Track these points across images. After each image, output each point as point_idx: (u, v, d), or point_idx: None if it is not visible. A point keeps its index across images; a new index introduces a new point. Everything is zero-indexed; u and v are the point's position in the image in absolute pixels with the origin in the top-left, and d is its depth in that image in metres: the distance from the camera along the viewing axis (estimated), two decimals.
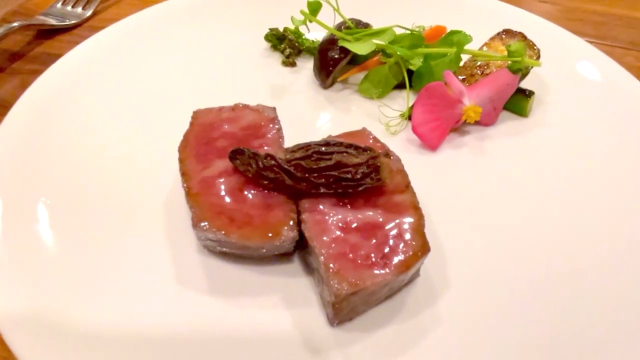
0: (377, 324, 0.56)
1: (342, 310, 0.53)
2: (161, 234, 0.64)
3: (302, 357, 0.54)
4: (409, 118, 0.79)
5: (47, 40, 1.03)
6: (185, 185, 0.61)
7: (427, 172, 0.73)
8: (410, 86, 0.83)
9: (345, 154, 0.58)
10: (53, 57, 0.99)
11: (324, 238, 0.55)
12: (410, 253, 0.54)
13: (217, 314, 0.57)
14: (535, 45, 0.82)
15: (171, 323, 0.56)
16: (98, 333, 0.55)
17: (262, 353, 0.54)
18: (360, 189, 0.57)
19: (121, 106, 0.81)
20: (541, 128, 0.80)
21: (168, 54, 0.91)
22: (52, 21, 1.05)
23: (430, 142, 0.76)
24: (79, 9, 1.08)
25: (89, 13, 1.08)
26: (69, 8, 1.08)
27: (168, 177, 0.69)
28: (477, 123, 0.79)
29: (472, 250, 0.64)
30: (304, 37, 0.93)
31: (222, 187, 0.60)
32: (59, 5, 1.08)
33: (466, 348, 0.55)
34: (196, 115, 0.69)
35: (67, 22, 1.05)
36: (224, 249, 0.60)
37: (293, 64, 0.91)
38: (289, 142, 0.67)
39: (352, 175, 0.57)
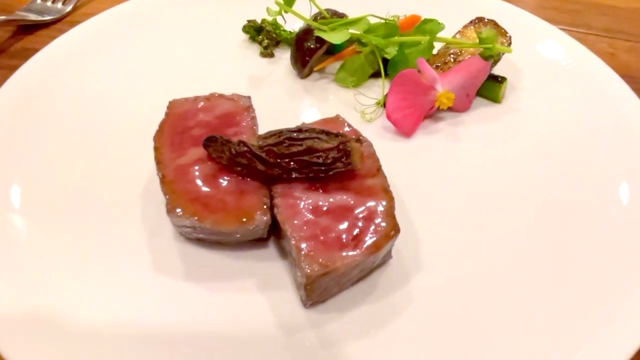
0: (350, 305, 0.58)
1: (314, 291, 0.55)
2: (138, 222, 0.65)
3: (276, 337, 0.55)
4: (384, 105, 0.80)
5: (27, 35, 1.03)
6: (159, 173, 0.62)
7: (401, 157, 0.74)
8: (386, 74, 0.84)
9: (316, 140, 0.60)
10: (33, 53, 0.99)
11: (296, 221, 0.56)
12: (381, 234, 0.55)
13: (194, 298, 0.59)
14: (507, 33, 0.84)
15: (148, 308, 0.58)
16: (74, 322, 0.56)
17: (238, 335, 0.55)
18: (331, 173, 0.58)
19: (98, 98, 0.82)
20: (514, 113, 0.81)
21: (146, 46, 0.91)
22: (32, 17, 1.05)
23: (404, 129, 0.77)
24: (59, 5, 1.08)
25: (68, 8, 1.08)
26: (49, 4, 1.08)
27: (145, 167, 0.70)
28: (451, 109, 0.80)
29: (444, 233, 0.65)
30: (281, 28, 0.93)
31: (196, 174, 0.61)
32: (39, 0, 1.09)
33: (437, 326, 0.56)
34: (172, 105, 0.70)
35: (47, 18, 1.05)
36: (200, 235, 0.61)
37: (271, 55, 0.92)
38: (265, 130, 0.68)
39: (323, 160, 0.58)
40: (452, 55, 0.83)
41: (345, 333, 0.56)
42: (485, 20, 0.85)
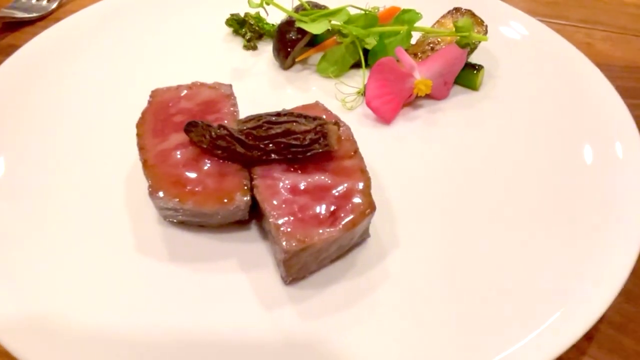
0: (329, 282, 0.59)
1: (292, 267, 0.56)
2: (122, 207, 0.67)
3: (257, 313, 0.57)
4: (365, 94, 0.82)
5: (12, 32, 1.05)
6: (142, 158, 0.63)
7: (381, 143, 0.76)
8: (367, 64, 0.86)
9: (294, 123, 0.61)
10: (17, 49, 1.00)
11: (274, 201, 0.58)
12: (357, 212, 0.57)
13: (177, 279, 0.60)
14: (483, 22, 0.86)
15: (133, 290, 0.59)
16: (58, 305, 0.57)
17: (221, 313, 0.57)
18: (309, 154, 0.60)
19: (82, 90, 0.83)
20: (490, 100, 0.83)
21: (129, 40, 0.93)
22: (19, 14, 1.06)
23: (384, 116, 0.79)
24: (44, 2, 1.10)
25: (53, 6, 1.10)
26: (34, 1, 1.10)
27: (128, 154, 0.71)
28: (430, 97, 0.82)
29: (421, 213, 0.67)
30: (264, 21, 0.95)
31: (178, 158, 0.62)
32: None
33: (413, 301, 0.58)
34: (154, 93, 0.71)
35: (33, 15, 1.07)
36: (182, 218, 0.62)
37: (254, 48, 0.94)
38: None
39: (300, 142, 0.60)
40: (430, 45, 0.85)
41: (325, 308, 0.57)
42: (463, 10, 0.88)
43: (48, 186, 0.69)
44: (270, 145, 0.60)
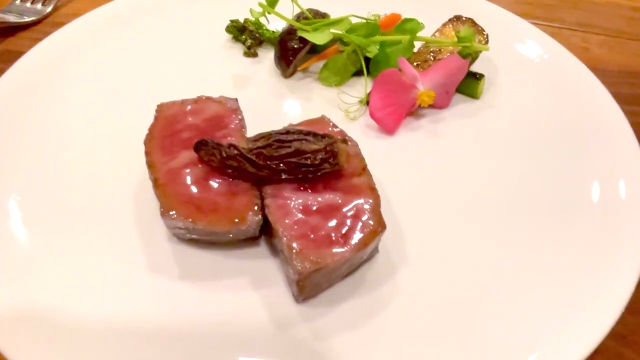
0: (340, 299, 0.60)
1: (306, 288, 0.57)
2: (131, 224, 0.67)
3: (271, 333, 0.58)
4: (368, 104, 0.83)
5: (8, 38, 1.03)
6: (152, 176, 0.63)
7: (385, 155, 0.77)
8: (368, 73, 0.86)
9: (304, 142, 0.62)
10: (15, 55, 0.99)
11: (287, 221, 0.58)
12: (368, 231, 0.58)
13: (189, 297, 0.60)
14: (484, 31, 0.87)
15: (144, 309, 0.59)
16: (72, 325, 0.58)
17: (234, 332, 0.58)
18: (320, 174, 0.61)
19: (85, 102, 0.83)
20: (492, 109, 0.84)
21: (131, 48, 0.92)
22: (12, 19, 1.04)
23: (388, 127, 0.80)
24: (39, 6, 1.08)
25: (49, 9, 1.08)
26: (28, 5, 1.08)
27: (135, 170, 0.71)
28: (432, 106, 0.83)
29: (428, 227, 0.68)
30: (264, 28, 0.95)
31: (188, 177, 0.63)
32: (18, 2, 1.08)
33: (423, 317, 0.59)
34: (160, 108, 0.71)
35: (28, 19, 1.05)
36: (193, 236, 0.63)
37: (255, 55, 0.93)
38: (253, 130, 0.70)
39: (311, 161, 0.60)
40: (432, 54, 0.85)
41: (337, 326, 0.58)
42: (464, 18, 0.88)
43: (54, 203, 0.69)
44: (281, 165, 0.60)
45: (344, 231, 0.58)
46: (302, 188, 0.62)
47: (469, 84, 0.85)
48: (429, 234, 0.67)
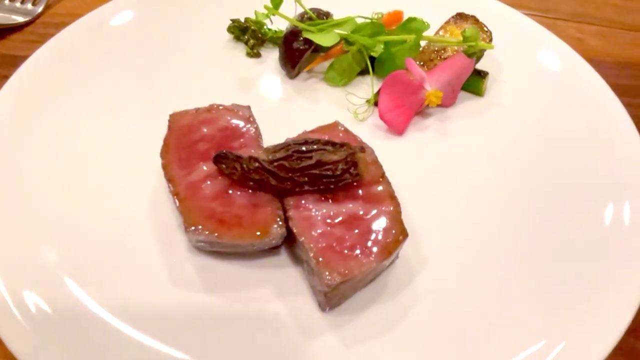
0: (364, 305, 0.62)
1: (333, 298, 0.58)
2: (150, 237, 0.67)
3: (299, 342, 0.59)
4: (375, 104, 0.83)
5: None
6: (172, 190, 0.63)
7: (396, 155, 0.77)
8: (373, 72, 0.86)
9: (323, 152, 0.62)
10: (7, 58, 0.97)
11: (312, 233, 0.59)
12: (391, 240, 0.59)
13: (214, 310, 0.61)
14: (486, 28, 0.87)
15: (170, 323, 0.60)
16: (99, 340, 0.58)
17: (263, 343, 0.59)
18: (341, 184, 0.61)
19: (90, 111, 0.80)
20: (497, 106, 0.86)
21: (132, 52, 0.90)
22: (1, 20, 1.01)
23: (397, 128, 0.81)
24: (29, 5, 1.05)
25: (40, 9, 1.05)
26: (17, 4, 1.05)
27: (147, 180, 0.71)
28: (438, 105, 0.84)
29: (444, 228, 0.70)
30: (266, 27, 0.94)
31: (209, 190, 0.63)
32: (6, 1, 1.05)
33: (444, 319, 0.61)
34: (173, 118, 0.71)
35: (19, 20, 1.02)
36: (215, 249, 0.63)
37: (258, 55, 0.93)
38: (265, 134, 0.71)
39: (332, 172, 0.61)
40: (436, 53, 0.86)
41: (364, 332, 0.60)
42: (466, 15, 0.89)
43: (72, 218, 0.68)
44: (303, 177, 0.61)
45: (368, 241, 0.59)
46: (323, 198, 0.62)
47: (474, 82, 0.86)
48: (445, 234, 0.69)
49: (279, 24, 0.92)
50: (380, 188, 0.64)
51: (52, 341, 0.57)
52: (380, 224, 0.60)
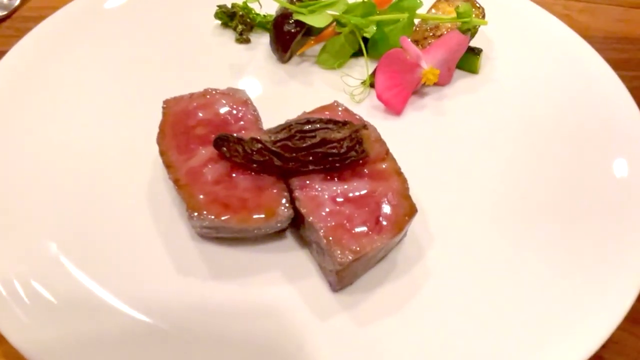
0: (374, 284, 0.61)
1: (345, 277, 0.57)
2: (152, 227, 0.65)
3: (313, 323, 0.58)
4: (371, 85, 0.82)
5: None
6: (172, 177, 0.61)
7: (395, 135, 0.75)
8: (367, 53, 0.85)
9: (327, 130, 0.61)
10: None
11: (321, 212, 0.58)
12: (401, 215, 0.58)
13: (224, 297, 0.59)
14: (478, 4, 0.87)
15: (180, 312, 0.58)
16: (108, 332, 0.56)
17: (274, 327, 0.57)
18: (347, 162, 0.60)
19: (80, 101, 0.78)
20: (493, 82, 0.85)
21: (119, 41, 0.88)
22: None
23: (394, 107, 0.80)
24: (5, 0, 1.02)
25: (16, 3, 1.02)
26: None
27: (143, 169, 0.69)
28: (434, 84, 0.83)
29: (448, 206, 0.69)
30: (254, 12, 0.92)
31: (210, 175, 0.61)
32: None
33: (454, 295, 0.60)
34: (167, 104, 0.68)
35: None
36: (220, 235, 0.62)
37: (247, 41, 0.91)
38: (263, 119, 0.69)
39: (337, 150, 0.60)
40: (430, 31, 0.85)
41: (376, 311, 0.59)
42: None
43: (71, 210, 0.66)
44: (308, 156, 0.59)
45: (377, 217, 0.58)
46: (328, 177, 0.61)
47: (468, 59, 0.85)
48: (450, 210, 0.68)
49: (267, 8, 0.90)
50: (385, 165, 0.63)
51: (56, 330, 0.55)
52: (388, 200, 0.59)
